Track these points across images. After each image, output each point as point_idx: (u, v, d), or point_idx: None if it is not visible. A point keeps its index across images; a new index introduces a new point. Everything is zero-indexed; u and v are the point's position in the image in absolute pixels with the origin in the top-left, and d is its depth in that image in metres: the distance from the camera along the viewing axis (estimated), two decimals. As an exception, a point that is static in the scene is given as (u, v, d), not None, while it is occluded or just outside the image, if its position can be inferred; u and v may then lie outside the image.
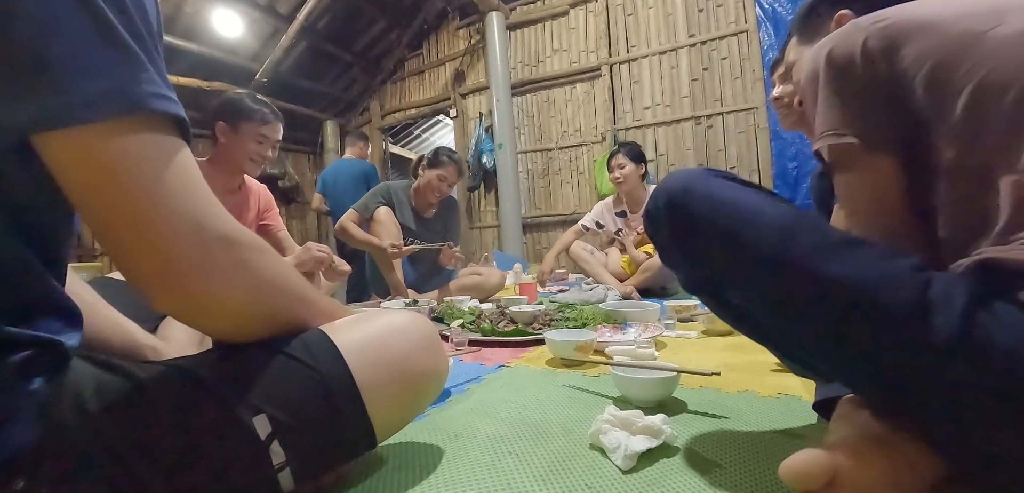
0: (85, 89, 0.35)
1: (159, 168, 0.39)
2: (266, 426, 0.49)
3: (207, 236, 0.43)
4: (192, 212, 0.42)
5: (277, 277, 0.52)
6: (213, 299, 0.46)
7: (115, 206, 0.39)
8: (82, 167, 0.37)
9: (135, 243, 0.41)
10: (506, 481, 0.63)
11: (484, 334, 1.46)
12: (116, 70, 0.36)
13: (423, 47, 5.61)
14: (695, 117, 4.12)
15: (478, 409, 0.90)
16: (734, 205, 0.58)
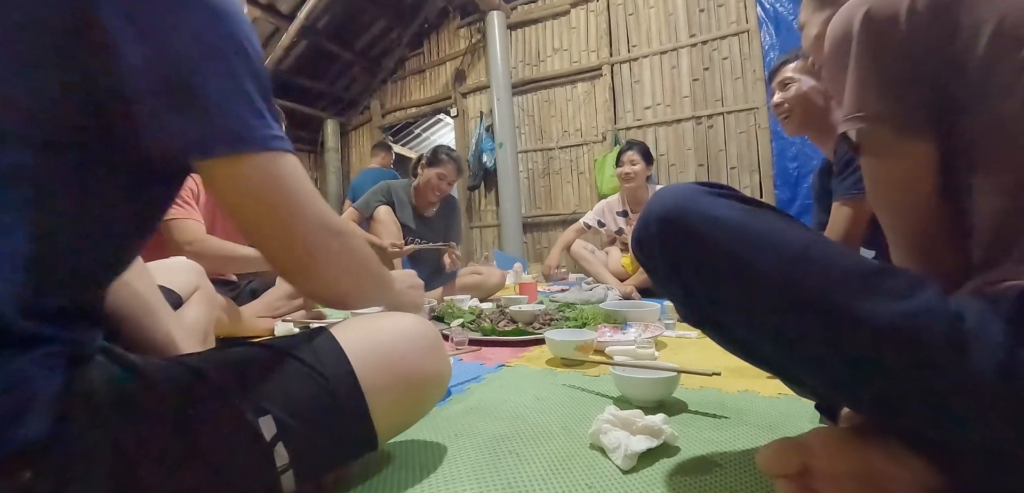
0: (261, 131, 0.48)
1: (293, 186, 0.52)
2: (271, 427, 0.49)
3: (329, 230, 0.56)
4: (317, 214, 0.54)
5: (368, 259, 0.64)
6: (332, 278, 0.58)
7: (267, 214, 0.51)
8: (241, 187, 0.49)
9: (283, 240, 0.53)
10: (506, 481, 0.63)
11: (484, 333, 1.46)
12: (266, 121, 0.49)
13: (424, 46, 5.61)
14: (696, 117, 4.12)
15: (478, 409, 0.90)
16: (741, 229, 0.51)
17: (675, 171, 4.22)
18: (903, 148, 0.51)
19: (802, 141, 3.69)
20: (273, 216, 0.51)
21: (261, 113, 0.48)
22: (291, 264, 0.56)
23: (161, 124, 0.43)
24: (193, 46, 0.44)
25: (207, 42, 0.44)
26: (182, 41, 0.43)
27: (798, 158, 3.73)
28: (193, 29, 0.44)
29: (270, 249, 0.55)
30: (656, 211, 0.56)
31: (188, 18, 0.44)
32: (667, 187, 0.59)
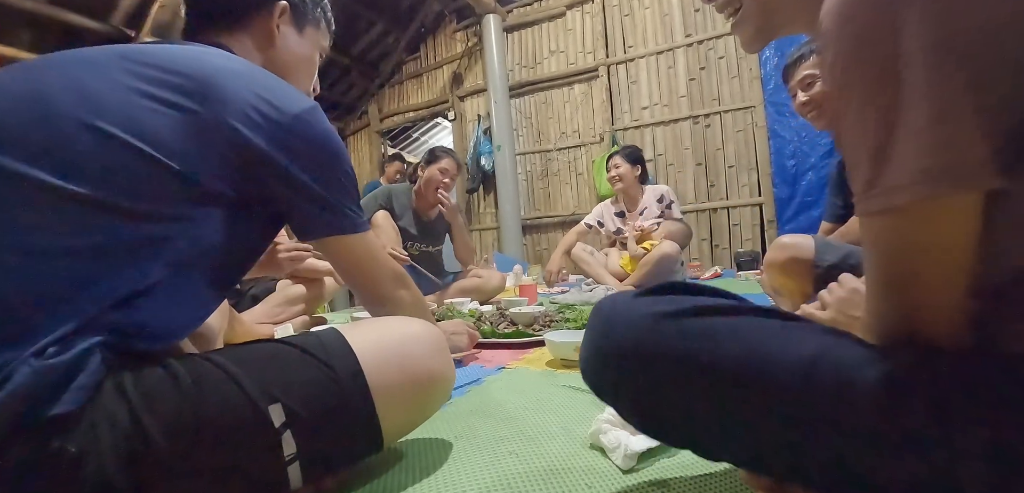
0: (353, 219, 0.70)
1: (374, 252, 0.76)
2: (280, 415, 0.52)
3: (394, 277, 0.79)
4: (390, 266, 0.79)
5: (418, 296, 0.84)
6: (397, 306, 0.78)
7: (358, 267, 0.75)
8: (347, 256, 0.73)
9: (369, 284, 0.77)
10: (506, 481, 0.63)
11: (484, 336, 1.46)
12: (358, 213, 0.72)
13: (421, 50, 5.62)
14: (693, 116, 4.13)
15: (478, 410, 0.90)
16: (732, 361, 0.43)
17: (673, 170, 4.23)
18: (957, 203, 0.36)
19: (800, 140, 3.70)
20: (364, 271, 0.75)
21: (353, 209, 0.70)
22: (375, 301, 0.78)
23: (305, 214, 0.67)
24: (330, 177, 0.67)
25: (336, 172, 0.68)
26: (321, 169, 0.66)
27: (796, 156, 3.74)
28: (332, 168, 0.68)
29: (362, 292, 0.79)
30: (608, 346, 0.50)
31: (328, 160, 0.67)
32: (608, 306, 0.52)
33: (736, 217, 4.02)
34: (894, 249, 0.39)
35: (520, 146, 4.94)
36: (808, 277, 1.19)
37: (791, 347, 0.42)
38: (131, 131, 0.53)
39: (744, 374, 0.42)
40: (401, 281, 0.79)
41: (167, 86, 0.56)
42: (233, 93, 0.59)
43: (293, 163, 0.62)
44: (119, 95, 0.54)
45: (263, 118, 0.60)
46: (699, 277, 3.03)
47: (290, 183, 0.63)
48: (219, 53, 0.65)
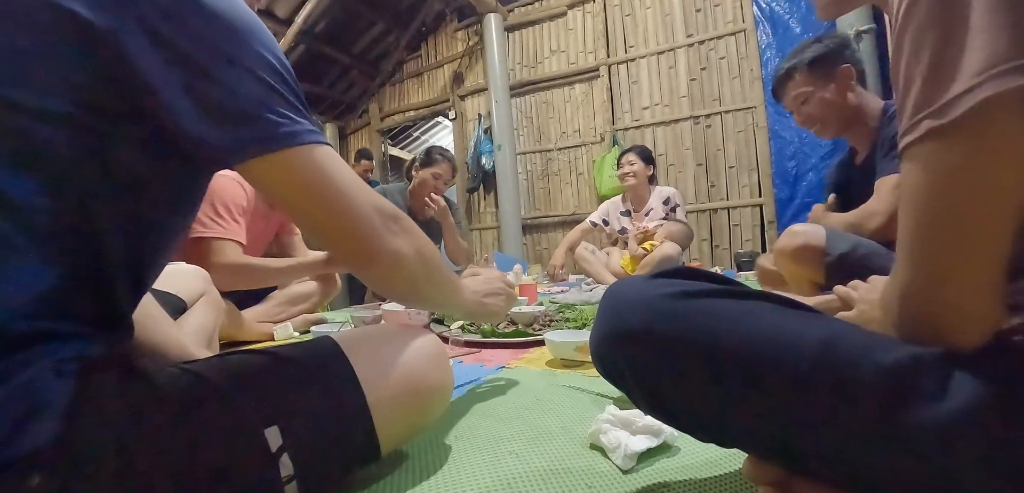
0: (284, 128, 0.48)
1: (338, 175, 0.52)
2: (277, 438, 0.49)
3: (383, 215, 0.57)
4: (369, 200, 0.55)
5: (427, 245, 0.64)
6: (394, 262, 0.58)
7: (321, 204, 0.52)
8: (289, 180, 0.50)
9: (337, 228, 0.54)
10: (506, 481, 0.63)
11: (484, 335, 1.46)
12: (298, 118, 0.50)
13: (421, 49, 5.62)
14: (694, 117, 4.13)
15: (478, 410, 0.90)
16: (740, 342, 0.42)
17: (674, 171, 4.23)
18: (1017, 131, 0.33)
19: (801, 141, 3.70)
20: (322, 204, 0.52)
21: (288, 113, 0.49)
22: (352, 250, 0.56)
23: (197, 131, 0.46)
24: (219, 62, 0.46)
25: (231, 56, 0.46)
26: (208, 58, 0.45)
27: (796, 157, 3.74)
28: (218, 46, 0.46)
29: (328, 239, 0.56)
30: (615, 327, 0.49)
31: (212, 36, 0.45)
32: (619, 289, 0.51)
33: (736, 217, 4.02)
34: (936, 188, 0.36)
35: (520, 146, 4.94)
36: (818, 266, 1.18)
37: (801, 331, 0.41)
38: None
39: (752, 355, 0.42)
40: (395, 220, 0.58)
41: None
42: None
43: (162, 52, 0.43)
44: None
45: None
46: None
47: (164, 85, 0.43)
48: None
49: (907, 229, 0.38)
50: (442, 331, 1.55)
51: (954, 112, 0.33)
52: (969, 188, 0.35)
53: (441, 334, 1.55)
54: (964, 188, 0.35)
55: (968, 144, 0.34)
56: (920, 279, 0.39)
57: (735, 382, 0.43)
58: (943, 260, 0.37)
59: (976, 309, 0.38)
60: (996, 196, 0.34)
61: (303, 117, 0.51)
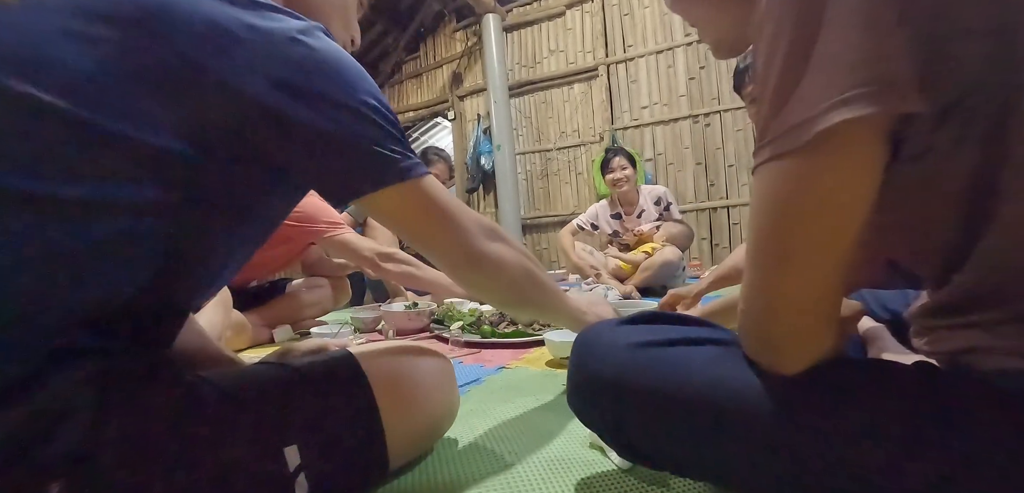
0: (402, 164, 0.54)
1: (443, 198, 0.59)
2: (296, 458, 0.50)
3: (482, 227, 0.63)
4: (470, 216, 0.62)
5: (524, 253, 0.69)
6: (496, 267, 0.63)
7: (425, 223, 0.59)
8: (403, 213, 0.57)
9: (445, 242, 0.61)
10: (506, 481, 0.63)
11: (484, 336, 1.46)
12: (407, 152, 0.56)
13: (420, 50, 5.62)
14: (693, 115, 4.13)
15: (478, 410, 0.90)
16: (704, 390, 0.44)
17: (673, 170, 4.23)
18: (873, 142, 0.34)
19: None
20: (432, 224, 0.59)
21: (399, 148, 0.54)
22: (458, 260, 0.62)
23: (322, 170, 0.52)
24: (342, 110, 0.50)
25: (351, 104, 0.51)
26: (332, 106, 0.50)
27: (795, 155, 3.73)
28: (339, 96, 0.50)
29: (437, 252, 0.63)
30: (585, 379, 0.51)
31: (334, 87, 0.50)
32: (588, 339, 0.53)
33: (736, 216, 4.03)
34: (783, 204, 0.36)
35: (520, 146, 4.94)
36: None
37: (761, 377, 0.42)
38: (38, 82, 0.41)
39: (716, 402, 0.43)
40: (494, 233, 0.64)
41: (92, 16, 0.43)
42: (188, 13, 0.45)
43: (287, 101, 0.47)
44: (47, 38, 0.43)
45: (234, 44, 0.45)
46: (700, 276, 3.03)
47: (287, 130, 0.48)
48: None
49: (750, 244, 0.40)
50: (441, 331, 1.56)
51: (805, 134, 0.33)
52: (814, 207, 0.36)
53: (440, 334, 1.55)
54: (809, 206, 0.36)
55: (811, 168, 0.35)
56: (759, 295, 0.40)
57: (704, 429, 0.44)
58: (781, 277, 0.38)
59: (808, 329, 0.40)
60: (836, 217, 0.36)
61: (409, 150, 0.56)
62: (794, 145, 0.34)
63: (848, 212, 0.36)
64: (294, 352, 0.79)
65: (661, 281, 2.42)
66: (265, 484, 0.49)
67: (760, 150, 0.37)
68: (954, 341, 0.41)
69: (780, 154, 0.35)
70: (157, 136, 0.44)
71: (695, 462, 0.48)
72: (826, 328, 0.41)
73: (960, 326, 0.40)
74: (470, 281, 0.65)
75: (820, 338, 0.40)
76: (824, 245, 0.37)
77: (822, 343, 0.41)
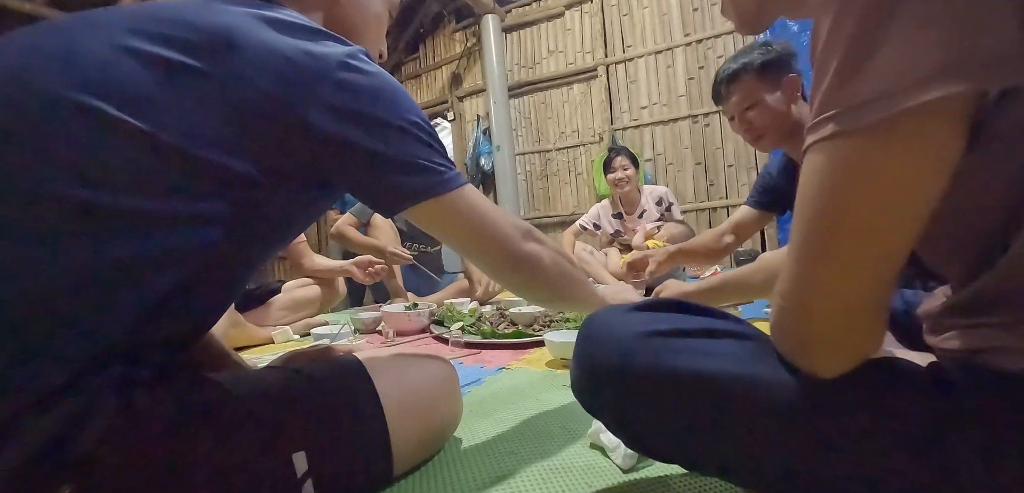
0: (446, 175, 0.58)
1: (483, 206, 0.63)
2: (303, 464, 0.51)
3: (520, 230, 0.66)
4: (508, 220, 0.66)
5: (557, 250, 0.72)
6: (534, 266, 0.67)
7: (468, 230, 0.62)
8: (450, 221, 0.61)
9: (487, 247, 0.64)
10: (506, 481, 0.63)
11: (484, 336, 1.46)
12: (449, 165, 0.60)
13: (419, 51, 5.62)
14: (692, 115, 4.13)
15: (478, 411, 0.90)
16: (714, 380, 0.42)
17: (673, 170, 4.23)
18: (949, 131, 0.30)
19: (798, 137, 3.69)
20: (475, 230, 0.62)
21: (442, 162, 0.58)
22: (504, 268, 0.66)
23: (374, 184, 0.56)
24: (390, 129, 0.54)
25: (399, 123, 0.55)
26: (381, 125, 0.54)
27: (795, 154, 3.73)
28: (388, 116, 0.54)
29: (479, 256, 0.67)
30: (591, 367, 0.49)
31: (383, 108, 0.54)
32: (594, 326, 0.51)
33: (735, 216, 4.03)
34: (845, 189, 0.32)
35: (519, 146, 4.94)
36: None
37: (773, 368, 0.41)
38: (116, 102, 0.43)
39: (727, 393, 0.41)
40: (530, 234, 0.68)
41: (168, 43, 0.46)
42: (255, 45, 0.48)
43: (339, 123, 0.50)
44: (106, 57, 0.45)
45: (296, 70, 0.49)
46: (699, 276, 3.02)
47: (340, 151, 0.51)
48: (245, 1, 0.53)
49: (796, 231, 0.36)
50: (442, 331, 1.56)
51: (867, 116, 0.30)
52: (882, 195, 0.32)
53: (441, 335, 1.55)
54: (876, 194, 0.32)
55: (883, 150, 0.30)
56: (804, 290, 0.36)
57: (721, 425, 0.42)
58: (831, 271, 0.34)
59: (855, 330, 0.37)
60: (906, 209, 0.32)
61: (449, 162, 0.60)
62: (864, 122, 0.30)
63: (919, 203, 0.32)
64: (301, 356, 0.80)
65: (661, 282, 2.42)
66: (274, 489, 0.50)
67: (820, 125, 0.32)
68: (972, 339, 0.39)
69: (845, 131, 0.31)
70: (227, 157, 0.47)
71: (707, 457, 0.46)
72: (875, 329, 0.37)
73: (980, 325, 0.39)
74: (511, 281, 0.69)
75: (866, 340, 0.37)
76: (886, 240, 0.33)
77: (867, 346, 0.38)
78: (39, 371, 0.40)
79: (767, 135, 1.35)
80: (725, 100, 1.39)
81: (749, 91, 1.32)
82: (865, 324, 0.37)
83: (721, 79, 1.37)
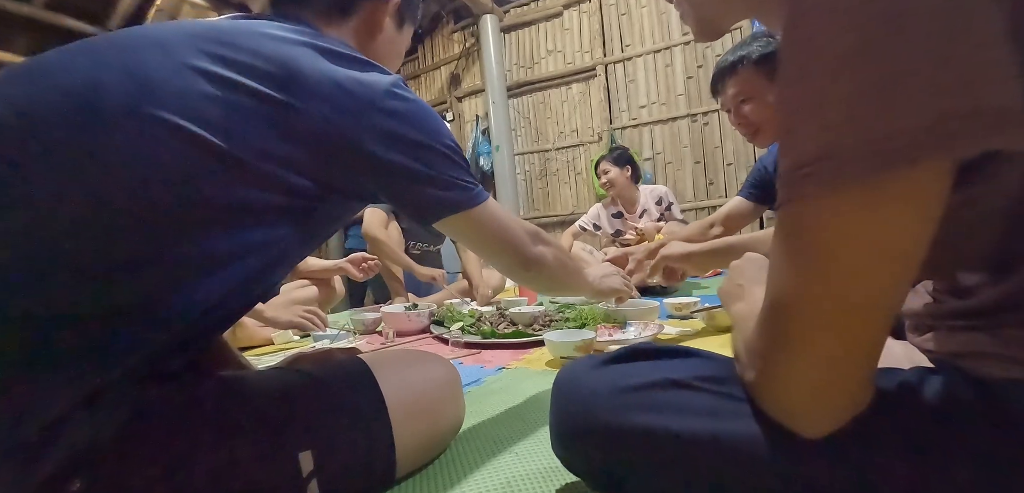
0: (473, 192, 0.67)
1: (502, 216, 0.73)
2: (309, 463, 0.51)
3: (530, 234, 0.78)
4: (522, 226, 0.77)
5: (558, 248, 0.84)
6: (541, 268, 0.78)
7: (490, 238, 0.72)
8: (477, 231, 0.70)
9: (505, 251, 0.75)
10: (506, 481, 0.63)
11: (484, 336, 1.46)
12: (473, 180, 0.67)
13: (418, 51, 5.62)
14: (691, 114, 4.14)
15: (478, 411, 0.90)
16: (696, 435, 0.40)
17: (672, 169, 4.24)
18: (942, 176, 0.28)
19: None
20: (496, 237, 0.72)
21: (468, 179, 0.66)
22: (519, 267, 0.77)
23: (413, 199, 0.63)
24: (428, 150, 0.62)
25: (434, 144, 0.62)
26: (420, 147, 0.61)
27: (793, 153, 3.73)
28: (426, 139, 0.62)
29: (498, 259, 0.77)
30: (569, 427, 0.48)
31: (420, 132, 0.61)
32: (569, 381, 0.50)
33: (735, 215, 4.03)
34: (831, 250, 0.30)
35: (518, 146, 4.94)
36: None
37: (745, 423, 0.39)
38: (197, 122, 0.48)
39: (694, 453, 0.40)
40: (538, 237, 0.79)
41: (234, 66, 0.51)
42: (317, 75, 0.54)
43: (388, 146, 0.57)
44: (183, 82, 0.49)
45: (349, 99, 0.55)
46: (699, 276, 3.03)
47: (389, 169, 0.58)
48: (298, 30, 0.59)
49: (778, 294, 0.33)
50: (442, 332, 1.56)
51: (855, 172, 0.27)
52: (873, 254, 0.29)
53: (441, 336, 1.55)
54: (866, 252, 0.29)
55: (855, 210, 0.28)
56: (789, 359, 0.34)
57: (679, 479, 0.41)
58: (824, 334, 0.32)
59: (847, 391, 0.34)
60: (897, 264, 0.30)
61: (473, 177, 0.68)
62: (845, 180, 0.27)
63: (910, 257, 0.29)
64: (306, 359, 0.82)
65: (661, 280, 2.42)
66: (280, 488, 0.50)
67: (796, 180, 0.29)
68: (954, 343, 0.39)
69: (818, 192, 0.28)
70: (287, 172, 0.52)
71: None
72: (867, 385, 0.35)
73: (965, 328, 0.38)
74: (523, 279, 0.82)
75: (858, 397, 0.35)
76: (877, 297, 0.31)
77: (859, 402, 0.35)
78: (86, 370, 0.42)
79: (764, 130, 1.34)
80: (722, 93, 1.38)
81: (746, 84, 1.31)
82: (862, 380, 0.34)
83: (719, 71, 1.36)
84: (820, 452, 0.36)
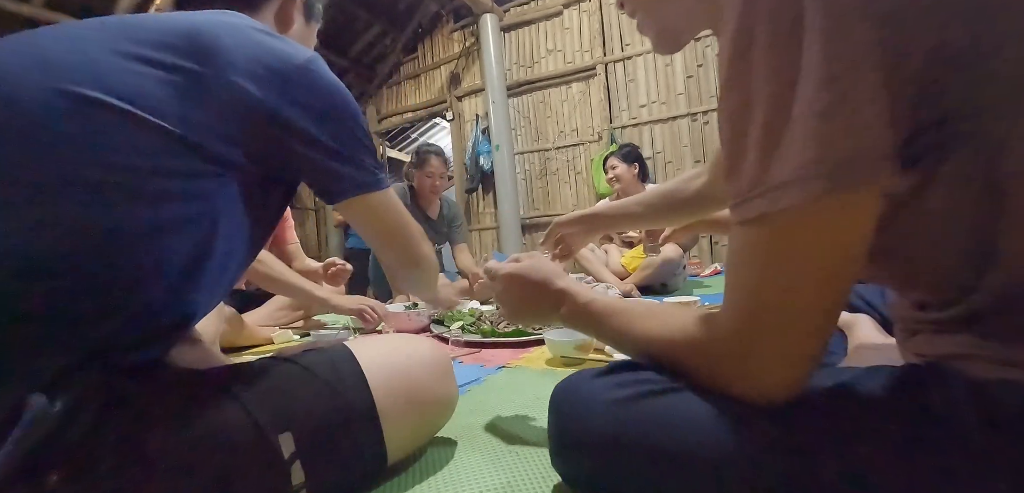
0: (376, 176, 0.66)
1: (398, 207, 0.71)
2: (290, 445, 0.51)
3: (420, 232, 0.76)
4: (415, 225, 0.75)
5: (434, 259, 0.82)
6: (428, 264, 0.78)
7: (389, 227, 0.71)
8: (376, 217, 0.69)
9: (398, 244, 0.73)
10: (506, 481, 0.63)
11: (484, 335, 1.46)
12: (377, 166, 0.66)
13: (418, 51, 5.62)
14: (691, 113, 4.13)
15: (478, 410, 0.90)
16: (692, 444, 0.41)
17: (672, 168, 4.23)
18: (864, 195, 0.32)
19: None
20: (391, 228, 0.71)
21: (372, 163, 0.66)
22: (409, 263, 0.75)
23: (323, 177, 0.62)
24: (342, 128, 0.62)
25: (348, 124, 0.63)
26: (335, 125, 0.61)
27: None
28: (340, 118, 0.62)
29: (391, 251, 0.74)
30: (567, 440, 0.49)
31: (337, 110, 0.62)
32: (567, 394, 0.50)
33: (735, 214, 4.02)
34: (771, 263, 0.35)
35: (518, 145, 4.94)
36: None
37: (733, 424, 0.40)
38: (121, 96, 0.48)
39: (691, 462, 0.40)
40: (424, 238, 0.78)
41: (161, 47, 0.52)
42: (233, 48, 0.55)
43: (304, 117, 0.58)
44: (105, 61, 0.49)
45: (267, 71, 0.56)
46: (699, 274, 3.03)
47: (304, 139, 0.58)
48: (216, 11, 0.60)
49: (736, 292, 0.38)
50: (442, 331, 1.56)
51: (784, 199, 0.32)
52: (812, 262, 0.34)
53: (441, 335, 1.55)
54: (806, 262, 0.34)
55: (796, 230, 0.33)
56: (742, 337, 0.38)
57: (690, 482, 0.41)
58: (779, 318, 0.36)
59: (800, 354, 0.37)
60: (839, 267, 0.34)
61: (378, 163, 0.67)
62: (775, 208, 0.32)
63: (851, 259, 0.34)
64: (287, 351, 0.81)
65: (662, 279, 2.42)
66: (258, 470, 0.49)
67: (745, 203, 0.35)
68: (942, 346, 0.39)
69: (762, 216, 0.33)
70: (219, 144, 0.53)
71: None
72: (819, 348, 0.38)
73: (950, 331, 0.39)
74: (408, 275, 0.79)
75: (810, 357, 0.38)
76: (824, 296, 0.35)
77: (812, 362, 0.38)
78: (46, 358, 0.42)
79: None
80: None
81: None
82: (814, 345, 0.37)
83: None
84: (818, 451, 0.36)
